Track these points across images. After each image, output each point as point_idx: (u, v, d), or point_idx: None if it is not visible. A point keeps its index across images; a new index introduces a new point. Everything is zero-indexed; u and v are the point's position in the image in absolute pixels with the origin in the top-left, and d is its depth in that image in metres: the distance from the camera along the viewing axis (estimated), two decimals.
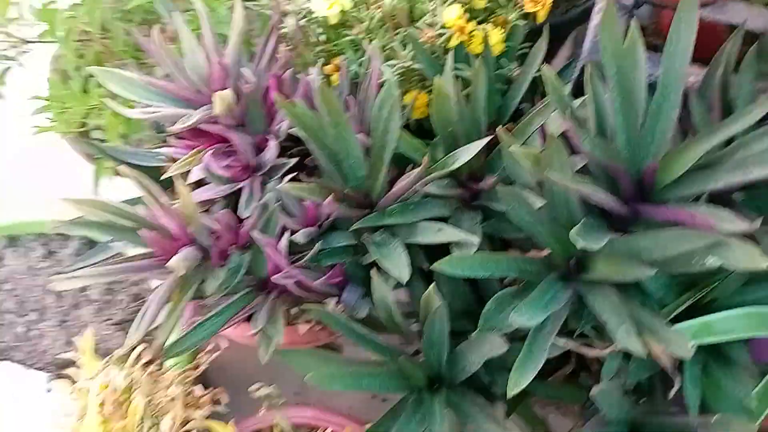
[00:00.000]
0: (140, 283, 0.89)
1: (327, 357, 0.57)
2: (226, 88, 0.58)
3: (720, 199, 0.53)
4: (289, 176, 0.61)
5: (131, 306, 0.86)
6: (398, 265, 0.56)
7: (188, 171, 0.60)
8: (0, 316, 0.86)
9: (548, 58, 0.95)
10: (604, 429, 0.59)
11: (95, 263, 0.56)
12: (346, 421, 0.75)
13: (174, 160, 0.60)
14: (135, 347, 0.57)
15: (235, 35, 0.59)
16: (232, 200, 0.63)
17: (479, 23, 0.70)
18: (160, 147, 0.62)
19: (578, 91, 0.66)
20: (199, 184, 0.62)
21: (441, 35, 0.67)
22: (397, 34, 0.69)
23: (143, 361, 0.58)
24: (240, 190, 0.62)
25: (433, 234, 0.59)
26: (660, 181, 0.55)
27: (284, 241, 0.59)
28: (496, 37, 0.70)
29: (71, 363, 0.66)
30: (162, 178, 0.58)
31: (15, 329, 0.86)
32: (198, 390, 0.60)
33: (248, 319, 0.62)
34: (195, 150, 0.60)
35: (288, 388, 0.76)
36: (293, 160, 0.62)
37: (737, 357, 0.58)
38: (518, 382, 0.52)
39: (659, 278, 0.59)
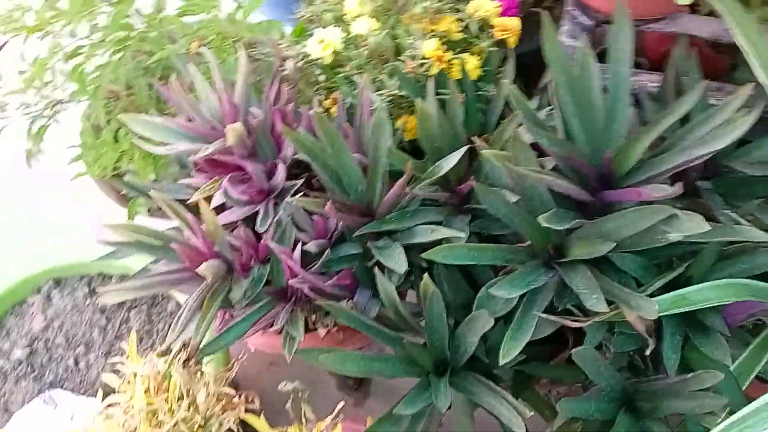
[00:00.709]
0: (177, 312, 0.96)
1: (343, 351, 0.64)
2: (236, 122, 0.67)
3: (685, 188, 0.60)
4: (298, 195, 0.69)
5: None
6: (397, 261, 0.64)
7: (211, 197, 0.69)
8: (51, 351, 0.95)
9: (536, 80, 1.04)
10: (598, 394, 0.65)
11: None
12: None
13: (197, 189, 0.69)
14: (172, 348, 0.65)
15: (241, 77, 0.68)
16: (251, 222, 0.72)
17: (458, 53, 0.79)
18: (184, 179, 0.71)
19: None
20: (221, 210, 0.71)
21: (422, 65, 0.76)
22: (384, 67, 0.78)
23: (181, 358, 0.66)
24: (257, 212, 0.71)
25: (428, 234, 0.66)
26: (619, 169, 0.62)
27: (297, 252, 0.67)
28: (473, 63, 0.78)
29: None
30: (188, 203, 0.67)
31: (66, 362, 0.93)
32: (231, 391, 0.67)
33: (271, 326, 0.70)
34: (214, 179, 0.69)
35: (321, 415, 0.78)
36: (300, 181, 0.70)
37: (712, 323, 0.64)
38: (509, 351, 0.59)
39: (635, 260, 0.65)
